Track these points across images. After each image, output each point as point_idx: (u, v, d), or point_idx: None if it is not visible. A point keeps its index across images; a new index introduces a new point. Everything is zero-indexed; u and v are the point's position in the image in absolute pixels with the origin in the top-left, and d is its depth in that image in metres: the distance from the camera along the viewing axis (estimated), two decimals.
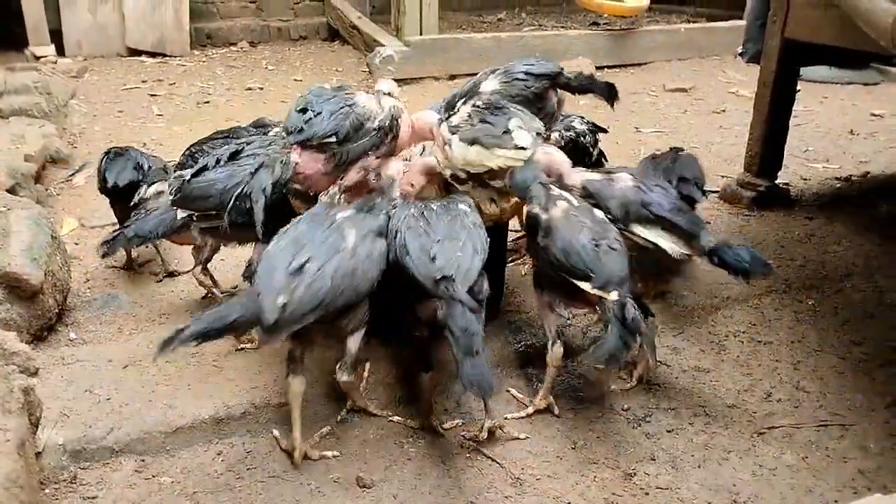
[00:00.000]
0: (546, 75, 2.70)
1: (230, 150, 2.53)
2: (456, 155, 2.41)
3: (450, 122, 2.48)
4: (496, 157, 2.36)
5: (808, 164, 4.68)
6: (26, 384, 1.96)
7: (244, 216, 2.44)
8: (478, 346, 1.96)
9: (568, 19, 8.73)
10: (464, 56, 6.71)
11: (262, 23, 8.49)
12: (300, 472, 2.17)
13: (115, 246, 2.60)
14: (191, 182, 2.49)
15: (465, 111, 2.50)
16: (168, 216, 2.55)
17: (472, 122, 2.43)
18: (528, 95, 2.66)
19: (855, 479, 2.16)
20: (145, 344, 2.64)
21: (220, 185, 2.44)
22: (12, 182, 3.47)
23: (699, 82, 6.73)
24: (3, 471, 1.59)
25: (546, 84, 2.71)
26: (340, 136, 2.41)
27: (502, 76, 2.71)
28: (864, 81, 6.63)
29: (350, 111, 2.43)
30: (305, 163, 2.42)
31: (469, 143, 2.39)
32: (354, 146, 2.44)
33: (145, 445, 2.22)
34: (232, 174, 2.46)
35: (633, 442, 2.33)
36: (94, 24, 7.35)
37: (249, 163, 2.48)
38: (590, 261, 2.17)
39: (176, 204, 2.52)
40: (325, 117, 2.40)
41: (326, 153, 2.41)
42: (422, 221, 2.24)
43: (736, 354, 2.75)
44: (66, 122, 5.13)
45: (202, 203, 2.48)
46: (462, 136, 2.40)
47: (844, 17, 2.78)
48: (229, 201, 2.44)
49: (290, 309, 1.94)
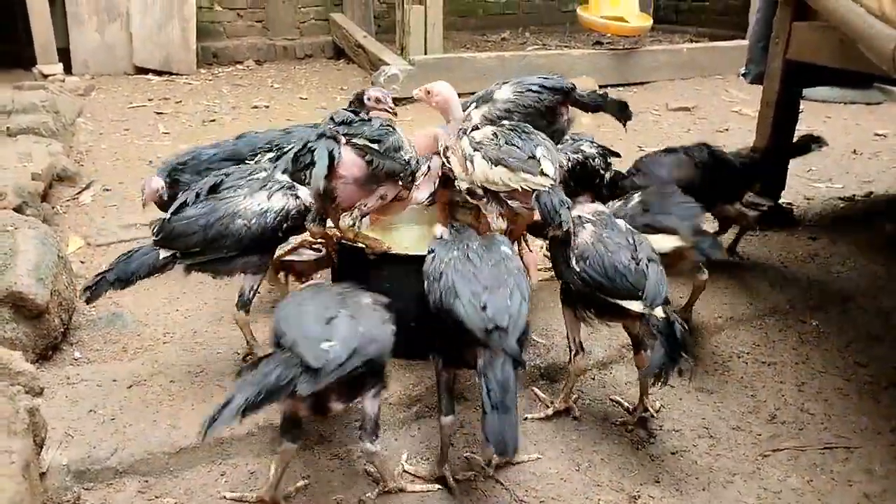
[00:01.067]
0: (559, 90, 2.75)
1: (209, 184, 2.47)
2: (478, 172, 2.45)
3: (472, 138, 2.52)
4: (521, 179, 2.38)
5: (812, 183, 4.69)
6: (31, 404, 1.97)
7: (238, 249, 2.42)
8: (511, 402, 1.88)
9: (571, 38, 8.80)
10: (468, 75, 6.75)
11: (268, 42, 8.57)
12: (303, 495, 2.17)
13: (99, 290, 2.42)
14: (171, 220, 2.42)
15: (490, 130, 2.54)
16: (151, 256, 2.43)
17: (498, 143, 2.46)
18: (539, 108, 2.72)
19: (860, 502, 2.15)
20: (150, 363, 2.65)
21: (203, 220, 2.39)
22: (19, 201, 3.48)
23: (702, 101, 6.77)
24: (7, 494, 1.59)
25: (559, 98, 2.76)
26: (384, 146, 2.48)
27: (516, 86, 2.76)
28: (867, 101, 6.66)
29: (392, 132, 2.53)
30: (346, 160, 2.45)
31: (493, 163, 2.42)
32: (389, 163, 2.49)
33: (149, 466, 2.22)
34: (212, 209, 2.40)
35: (637, 464, 2.32)
36: (102, 42, 7.42)
37: (229, 196, 2.43)
38: (635, 281, 2.18)
39: (159, 244, 2.43)
40: (374, 125, 2.52)
41: (366, 158, 2.46)
42: (469, 265, 2.15)
43: (740, 375, 2.74)
44: (73, 140, 5.17)
45: (185, 241, 2.40)
46: (486, 153, 2.44)
47: (846, 39, 2.80)
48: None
49: (333, 355, 1.86)
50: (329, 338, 1.89)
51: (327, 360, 1.83)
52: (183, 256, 2.43)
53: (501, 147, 2.45)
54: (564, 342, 2.55)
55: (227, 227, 2.39)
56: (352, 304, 2.08)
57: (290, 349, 1.88)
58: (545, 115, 2.75)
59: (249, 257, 2.47)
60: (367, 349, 1.93)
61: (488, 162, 2.43)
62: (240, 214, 2.40)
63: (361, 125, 2.50)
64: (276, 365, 1.83)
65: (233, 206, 2.41)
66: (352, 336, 1.91)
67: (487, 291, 2.05)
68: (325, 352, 1.84)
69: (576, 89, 2.80)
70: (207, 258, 2.43)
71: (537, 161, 2.37)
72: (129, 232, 3.78)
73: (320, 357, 1.83)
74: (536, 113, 2.70)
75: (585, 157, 3.06)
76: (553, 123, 2.79)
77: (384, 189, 2.57)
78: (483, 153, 2.46)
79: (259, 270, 2.54)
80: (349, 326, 1.95)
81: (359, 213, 2.59)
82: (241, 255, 2.45)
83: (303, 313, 2.01)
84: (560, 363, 2.69)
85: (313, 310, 2.02)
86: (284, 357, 1.87)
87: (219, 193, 2.46)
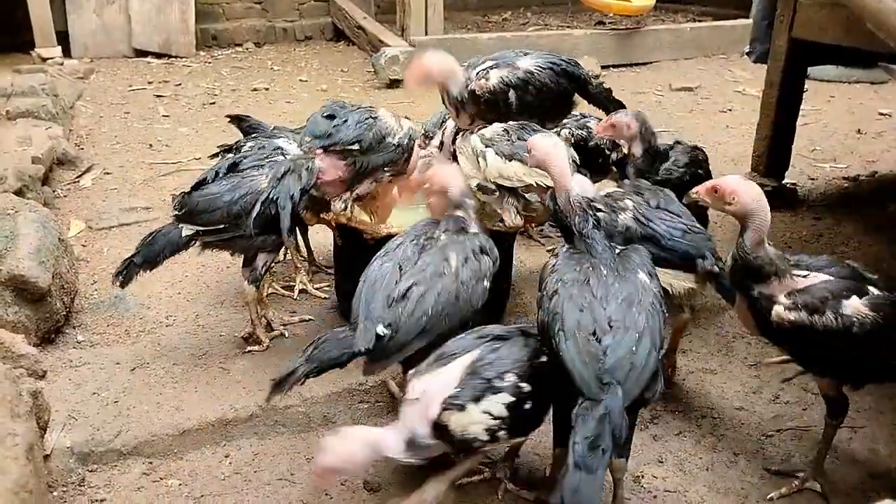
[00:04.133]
0: (577, 79, 2.78)
1: (228, 162, 2.49)
2: (491, 168, 2.44)
3: (482, 135, 2.51)
4: (537, 174, 2.36)
5: (816, 163, 4.66)
6: (34, 387, 1.97)
7: (260, 227, 2.41)
8: (599, 465, 1.61)
9: (573, 18, 8.70)
10: (469, 56, 6.63)
11: (267, 23, 8.50)
12: (307, 475, 2.17)
13: (130, 275, 2.45)
14: (192, 195, 2.43)
15: (499, 127, 2.54)
16: (174, 234, 2.45)
17: (510, 138, 2.45)
18: (554, 88, 2.75)
19: (864, 482, 2.15)
20: (153, 346, 2.65)
21: (227, 196, 2.40)
22: (20, 184, 3.47)
23: (705, 81, 6.71)
24: (12, 476, 1.59)
25: (574, 87, 2.78)
26: (364, 146, 2.48)
27: (539, 60, 2.78)
28: (871, 80, 6.60)
29: (374, 123, 2.52)
30: (327, 168, 2.47)
31: (507, 158, 2.41)
32: (374, 157, 2.50)
33: (153, 448, 2.22)
34: (236, 185, 2.42)
35: (640, 444, 2.31)
36: (101, 25, 7.36)
37: (252, 174, 2.44)
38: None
39: (181, 220, 2.45)
40: (350, 125, 2.49)
41: (347, 161, 2.46)
42: (587, 292, 1.81)
43: (744, 356, 2.73)
44: (72, 123, 5.14)
45: (208, 216, 2.41)
46: (499, 149, 2.43)
47: (852, 16, 2.77)
48: (254, 209, 2.39)
49: (395, 337, 1.92)
50: (397, 316, 1.96)
51: (385, 346, 1.94)
52: (205, 233, 2.44)
53: (515, 143, 2.44)
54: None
55: (252, 204, 2.39)
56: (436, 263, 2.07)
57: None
58: (559, 95, 2.77)
59: (269, 235, 2.47)
60: (440, 326, 2.00)
61: (502, 157, 2.43)
62: (263, 192, 2.40)
63: (337, 132, 2.49)
64: (341, 339, 1.95)
65: (256, 184, 2.41)
66: (421, 314, 1.97)
67: (611, 335, 1.73)
68: (384, 337, 1.93)
69: (590, 80, 2.83)
70: (231, 235, 2.43)
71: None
72: (129, 215, 3.77)
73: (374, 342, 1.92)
74: (550, 92, 2.73)
75: (590, 134, 3.03)
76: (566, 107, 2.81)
77: (376, 175, 2.58)
78: (496, 149, 2.45)
79: (276, 248, 2.55)
80: (420, 302, 1.98)
81: (350, 198, 2.59)
82: (262, 234, 2.45)
83: (378, 280, 2.04)
84: None
85: (392, 276, 2.04)
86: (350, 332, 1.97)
87: (240, 170, 2.46)
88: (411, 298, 1.96)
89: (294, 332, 2.76)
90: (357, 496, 2.11)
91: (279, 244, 2.54)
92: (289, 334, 2.74)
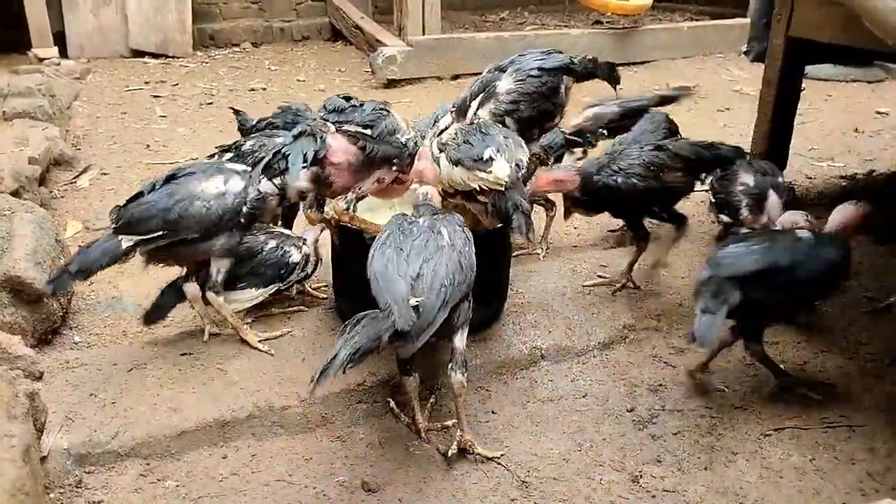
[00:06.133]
0: (559, 69, 2.71)
1: (166, 175, 2.50)
2: (443, 172, 2.45)
3: (440, 140, 2.50)
4: (478, 178, 2.35)
5: (813, 162, 4.66)
6: (31, 389, 1.96)
7: (201, 231, 2.42)
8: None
9: (571, 18, 8.71)
10: (466, 56, 6.70)
11: (264, 23, 8.50)
12: (305, 476, 2.17)
13: (62, 283, 2.44)
14: (128, 207, 2.44)
15: (454, 129, 2.52)
16: (111, 244, 2.44)
17: (458, 142, 2.43)
18: (543, 91, 2.68)
19: (863, 481, 2.15)
20: (150, 347, 2.64)
21: (162, 203, 2.40)
22: (16, 185, 3.46)
23: (703, 80, 6.72)
24: (8, 478, 1.58)
25: (560, 78, 2.73)
26: (376, 132, 2.49)
27: (515, 74, 2.69)
28: (868, 79, 6.61)
29: (388, 115, 2.54)
30: (337, 147, 2.45)
31: (454, 164, 2.40)
32: (384, 147, 2.49)
33: (150, 449, 2.22)
34: (171, 192, 2.42)
35: (638, 444, 2.32)
36: (97, 26, 7.36)
37: (187, 180, 2.46)
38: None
39: (118, 232, 2.44)
40: (367, 109, 2.53)
41: (359, 144, 2.45)
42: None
43: (742, 355, 2.73)
44: (69, 124, 5.14)
45: (145, 225, 2.40)
46: (448, 155, 2.42)
47: (849, 15, 2.76)
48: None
49: (423, 314, 1.97)
50: (420, 292, 2.00)
51: (416, 322, 1.96)
52: (144, 242, 2.43)
53: (460, 147, 2.42)
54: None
55: (187, 209, 2.40)
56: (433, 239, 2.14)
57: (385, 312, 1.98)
58: (549, 97, 2.72)
59: (212, 240, 2.47)
60: (455, 294, 2.06)
61: (450, 163, 2.41)
62: (198, 196, 2.41)
63: (353, 111, 2.50)
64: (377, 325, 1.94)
65: (191, 188, 2.43)
66: (440, 285, 2.02)
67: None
68: (415, 311, 1.96)
69: (572, 62, 2.75)
70: (169, 241, 2.42)
71: (489, 161, 2.33)
72: None
73: (410, 319, 1.94)
74: (541, 97, 2.67)
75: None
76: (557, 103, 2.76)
77: (380, 172, 2.56)
78: (447, 154, 2.44)
79: (226, 254, 2.53)
80: (435, 276, 2.04)
81: (353, 196, 2.58)
82: (204, 239, 2.45)
83: (390, 266, 2.07)
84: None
85: (400, 260, 2.08)
86: (381, 317, 1.97)
87: (177, 180, 2.47)
88: (426, 275, 2.03)
89: (292, 334, 2.75)
90: (356, 496, 2.10)
91: (229, 250, 2.52)
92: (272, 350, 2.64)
